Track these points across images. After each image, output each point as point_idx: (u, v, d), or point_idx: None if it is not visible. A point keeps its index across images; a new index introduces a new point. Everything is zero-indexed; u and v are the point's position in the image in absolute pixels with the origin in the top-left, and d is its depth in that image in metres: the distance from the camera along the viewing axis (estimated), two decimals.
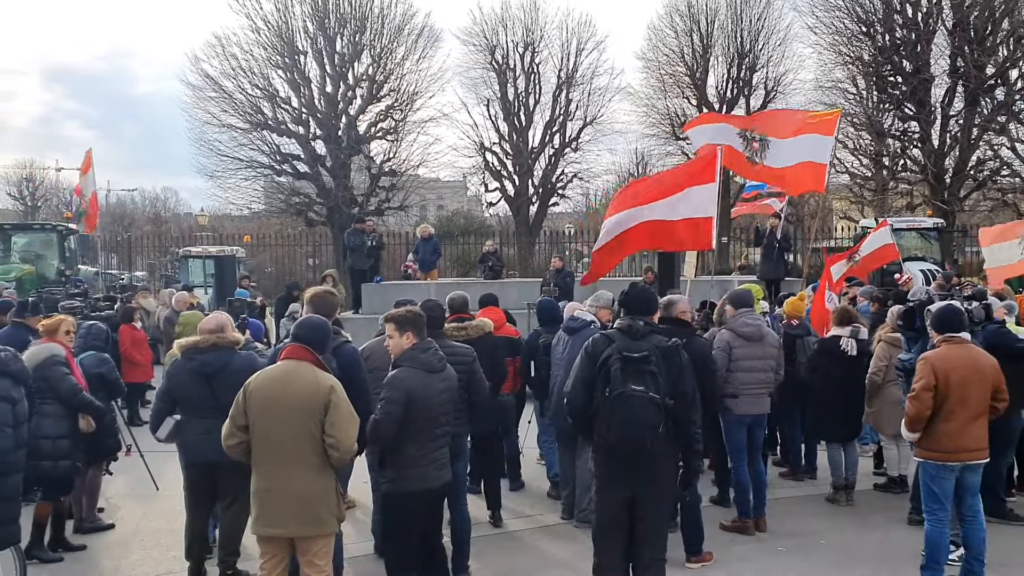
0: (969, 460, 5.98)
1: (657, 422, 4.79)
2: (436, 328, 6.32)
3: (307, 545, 4.84)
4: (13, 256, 22.71)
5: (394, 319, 5.44)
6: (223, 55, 30.93)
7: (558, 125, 34.64)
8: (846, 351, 8.28)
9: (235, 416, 4.81)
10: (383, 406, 5.13)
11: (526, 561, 6.96)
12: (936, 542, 6.01)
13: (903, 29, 28.47)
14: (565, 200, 37.56)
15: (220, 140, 31.44)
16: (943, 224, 23.46)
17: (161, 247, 35.46)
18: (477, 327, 7.48)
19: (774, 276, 16.13)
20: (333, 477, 4.92)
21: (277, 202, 33.89)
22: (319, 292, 6.26)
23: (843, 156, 28.92)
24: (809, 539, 7.40)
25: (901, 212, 28.21)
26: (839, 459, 8.40)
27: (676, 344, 5.10)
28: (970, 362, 5.96)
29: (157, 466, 8.85)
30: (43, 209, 47.42)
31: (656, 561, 5.11)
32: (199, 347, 6.28)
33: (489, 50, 34.17)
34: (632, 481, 4.99)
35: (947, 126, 28.19)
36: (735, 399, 7.40)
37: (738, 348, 7.43)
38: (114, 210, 51.45)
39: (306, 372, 4.79)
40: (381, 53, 32.31)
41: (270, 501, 4.79)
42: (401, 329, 5.38)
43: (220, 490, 6.25)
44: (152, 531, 7.75)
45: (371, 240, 17.63)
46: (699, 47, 33.80)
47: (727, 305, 7.79)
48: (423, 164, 34.06)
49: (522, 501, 8.59)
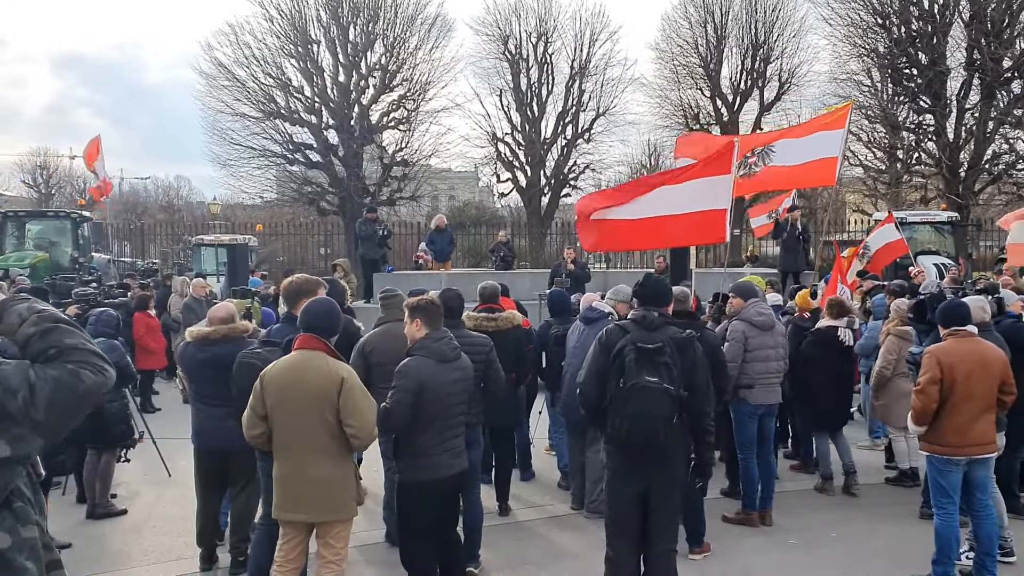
0: (976, 454, 5.95)
1: (671, 414, 4.78)
2: (454, 318, 6.35)
3: (326, 528, 4.92)
4: (27, 243, 22.83)
5: (407, 306, 5.49)
6: (236, 43, 31.00)
7: (571, 116, 34.55)
8: (844, 342, 8.31)
9: (254, 406, 4.87)
10: (394, 394, 5.14)
11: (536, 551, 6.97)
12: (946, 536, 5.99)
13: (919, 21, 28.26)
14: (577, 191, 37.35)
15: (233, 129, 31.54)
16: (957, 218, 23.31)
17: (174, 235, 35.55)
18: (508, 319, 7.52)
19: (794, 268, 16.16)
20: (352, 462, 4.98)
21: (289, 191, 33.96)
22: (291, 285, 6.00)
23: (857, 149, 28.81)
24: (820, 532, 7.38)
25: (915, 206, 28.09)
26: (827, 450, 8.48)
27: (691, 336, 5.08)
28: (976, 356, 5.92)
29: (169, 452, 8.91)
30: (57, 197, 47.63)
31: (667, 552, 5.12)
32: (210, 338, 6.31)
33: (502, 40, 34.10)
34: (645, 473, 4.98)
35: (962, 119, 28.00)
36: (750, 389, 7.40)
37: (753, 338, 7.43)
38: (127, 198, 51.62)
39: (319, 361, 4.81)
40: (394, 42, 32.29)
41: (291, 487, 4.85)
42: (411, 316, 5.41)
43: (231, 477, 6.31)
44: (164, 517, 7.80)
45: (382, 230, 17.66)
46: (713, 38, 33.65)
47: (735, 297, 7.78)
48: (435, 154, 34.12)
49: (532, 491, 8.60)
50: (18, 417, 2.33)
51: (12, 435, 2.34)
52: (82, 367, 2.41)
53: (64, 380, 2.37)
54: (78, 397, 2.41)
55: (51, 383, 2.35)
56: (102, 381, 2.45)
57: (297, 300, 5.68)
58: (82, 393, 2.41)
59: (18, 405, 2.32)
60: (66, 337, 2.45)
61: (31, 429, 2.36)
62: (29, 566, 2.41)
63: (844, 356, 8.43)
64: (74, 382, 2.39)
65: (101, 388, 2.46)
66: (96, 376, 2.43)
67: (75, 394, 2.40)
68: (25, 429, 2.35)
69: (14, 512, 2.43)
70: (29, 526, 2.45)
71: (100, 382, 2.44)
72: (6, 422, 2.32)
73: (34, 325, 2.45)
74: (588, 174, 36.17)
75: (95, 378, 2.43)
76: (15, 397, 2.31)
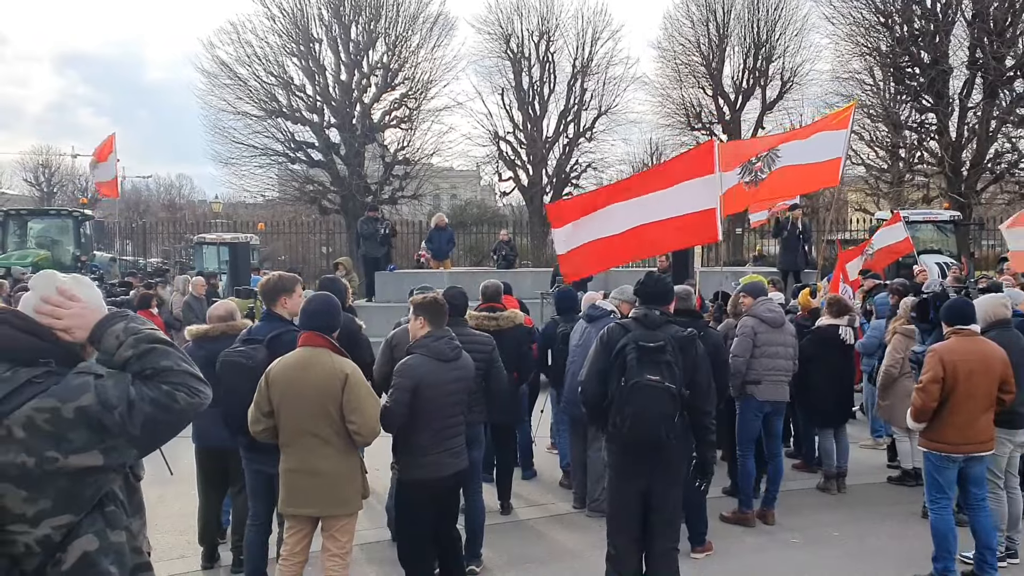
0: (974, 452, 5.97)
1: (672, 412, 4.78)
2: (458, 316, 6.36)
3: (331, 522, 4.95)
4: (29, 241, 22.85)
5: (412, 304, 5.50)
6: (238, 42, 31.09)
7: (572, 114, 34.59)
8: (844, 340, 8.33)
9: (259, 403, 4.88)
10: (392, 393, 5.16)
11: (538, 550, 6.97)
12: (942, 531, 6.00)
13: (921, 20, 28.22)
14: (579, 190, 37.34)
15: (234, 127, 31.64)
16: (959, 217, 23.28)
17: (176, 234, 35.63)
18: (509, 318, 7.51)
19: (794, 267, 16.13)
20: (357, 457, 5.01)
21: (291, 190, 34.00)
22: (267, 283, 5.89)
23: (859, 148, 28.78)
24: (822, 531, 7.37)
25: (917, 205, 28.04)
26: (831, 447, 8.47)
27: (693, 334, 5.08)
28: (978, 355, 5.92)
29: (171, 451, 8.88)
30: (59, 195, 47.70)
31: (669, 551, 5.12)
32: (209, 336, 6.32)
33: (504, 39, 34.13)
34: (646, 471, 4.98)
35: (965, 118, 27.96)
36: (757, 385, 7.41)
37: (762, 334, 7.46)
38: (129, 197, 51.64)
39: (323, 358, 4.83)
40: (396, 41, 32.33)
41: (297, 482, 4.87)
42: (415, 314, 5.43)
43: (232, 475, 6.29)
44: (166, 515, 7.79)
45: (384, 228, 17.64)
46: (715, 37, 33.67)
47: (745, 297, 7.78)
48: (437, 153, 34.19)
49: (534, 490, 8.60)
50: (114, 431, 2.37)
51: (106, 446, 2.38)
52: (178, 389, 2.46)
53: (161, 401, 2.42)
54: (173, 417, 2.46)
55: (148, 403, 2.40)
56: (197, 403, 2.50)
57: (275, 298, 5.69)
58: (177, 413, 2.46)
59: (115, 420, 2.36)
60: (162, 359, 2.49)
61: (127, 441, 2.41)
62: (113, 571, 2.45)
63: (844, 354, 8.45)
64: (170, 403, 2.43)
65: (196, 409, 2.51)
66: (191, 398, 2.48)
67: (170, 414, 2.45)
68: (120, 441, 2.39)
69: (105, 516, 2.46)
70: (118, 531, 2.49)
71: (195, 404, 2.49)
72: (101, 434, 2.36)
73: (131, 348, 2.48)
74: (590, 173, 36.32)
75: (190, 400, 2.47)
76: (112, 412, 2.36)
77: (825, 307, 8.68)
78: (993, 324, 6.40)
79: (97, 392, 2.36)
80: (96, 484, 2.42)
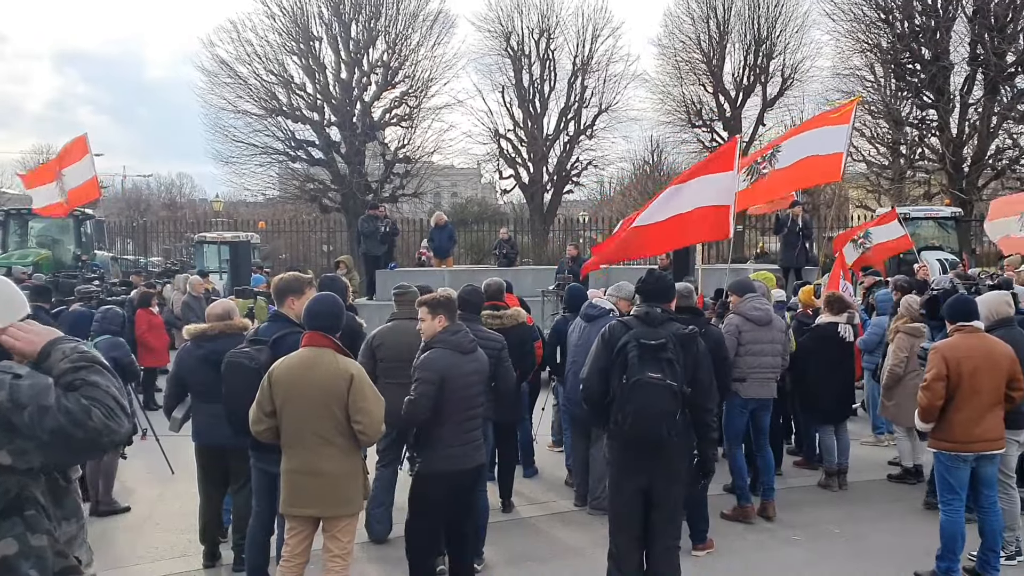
0: (983, 450, 5.91)
1: (674, 410, 4.77)
2: (473, 313, 6.41)
3: (333, 523, 4.94)
4: (30, 241, 22.85)
5: (427, 303, 5.49)
6: (238, 40, 31.02)
7: (573, 112, 34.54)
8: (844, 337, 8.32)
9: (261, 402, 4.87)
10: (416, 387, 5.18)
11: (539, 548, 6.97)
12: (951, 533, 5.95)
13: (922, 16, 28.18)
14: (580, 187, 37.52)
15: (235, 126, 31.60)
16: (961, 213, 23.27)
17: (176, 233, 35.63)
18: (512, 316, 7.53)
19: (794, 264, 16.08)
20: (359, 457, 5.00)
21: (292, 188, 33.98)
22: (279, 283, 5.88)
23: (860, 144, 28.76)
24: (824, 528, 7.37)
25: (918, 201, 28.02)
26: (832, 444, 8.46)
27: (694, 332, 5.06)
28: (983, 352, 5.87)
29: (172, 450, 8.89)
30: None
31: (670, 548, 5.11)
32: (207, 334, 6.32)
33: (504, 36, 34.09)
34: (647, 469, 4.97)
35: (966, 114, 27.94)
36: (742, 383, 7.42)
37: (747, 332, 7.47)
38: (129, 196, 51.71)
39: (327, 359, 4.82)
40: (396, 39, 32.28)
41: (299, 482, 4.86)
42: (433, 312, 5.43)
43: (232, 473, 6.29)
44: (167, 514, 7.80)
45: (384, 226, 17.62)
46: (716, 34, 33.60)
47: (732, 294, 7.80)
48: (437, 151, 34.15)
49: (535, 488, 8.60)
50: (24, 431, 2.34)
51: (15, 447, 2.36)
52: (95, 406, 2.40)
53: (75, 415, 2.37)
54: (83, 433, 2.39)
55: (63, 412, 2.36)
56: (113, 427, 2.42)
57: (284, 298, 5.70)
58: (88, 430, 2.39)
59: (24, 420, 2.33)
60: (94, 375, 2.47)
61: (36, 446, 2.37)
62: (33, 575, 2.42)
63: (844, 351, 8.42)
64: (84, 419, 2.38)
65: (110, 434, 2.42)
66: (107, 420, 2.41)
67: (81, 429, 2.38)
68: (30, 445, 2.36)
69: (25, 519, 2.44)
70: (39, 535, 2.46)
71: (111, 427, 2.42)
72: (10, 434, 2.34)
73: (71, 362, 2.48)
74: (591, 170, 36.30)
75: (106, 421, 2.40)
76: (22, 412, 2.33)
77: (824, 304, 8.66)
78: (998, 323, 6.32)
79: (11, 390, 2.34)
80: (4, 485, 2.39)
